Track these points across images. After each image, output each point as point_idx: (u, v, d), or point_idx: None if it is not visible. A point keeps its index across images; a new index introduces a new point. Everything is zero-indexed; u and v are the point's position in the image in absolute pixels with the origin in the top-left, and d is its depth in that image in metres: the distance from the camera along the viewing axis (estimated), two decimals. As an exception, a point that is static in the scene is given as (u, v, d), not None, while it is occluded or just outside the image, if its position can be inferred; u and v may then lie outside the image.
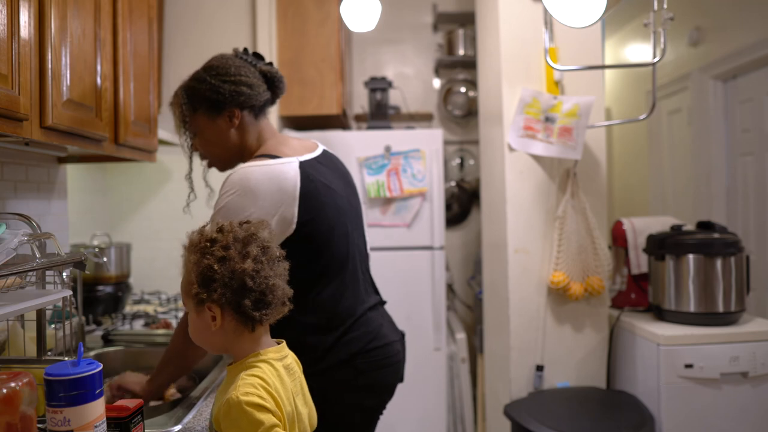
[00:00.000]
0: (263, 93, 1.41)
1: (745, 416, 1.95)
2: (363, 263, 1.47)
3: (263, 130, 1.43)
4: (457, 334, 2.99)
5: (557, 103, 2.17)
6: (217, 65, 1.38)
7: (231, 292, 0.92)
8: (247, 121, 1.40)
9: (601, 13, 1.75)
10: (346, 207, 1.41)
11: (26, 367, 1.12)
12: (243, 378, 0.90)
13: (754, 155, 2.88)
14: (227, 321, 0.94)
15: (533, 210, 2.26)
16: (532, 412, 1.97)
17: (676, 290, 2.08)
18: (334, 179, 1.40)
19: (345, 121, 3.07)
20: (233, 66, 1.37)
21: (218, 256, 0.92)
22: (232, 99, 1.36)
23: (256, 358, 0.95)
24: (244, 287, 0.92)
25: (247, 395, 0.86)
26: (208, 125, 1.39)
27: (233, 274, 0.91)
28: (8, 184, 1.73)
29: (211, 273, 0.91)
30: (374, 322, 1.39)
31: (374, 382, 1.36)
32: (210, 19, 2.78)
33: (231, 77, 1.36)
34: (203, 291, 0.92)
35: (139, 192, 2.68)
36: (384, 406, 1.43)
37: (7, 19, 1.12)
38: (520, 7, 2.27)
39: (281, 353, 1.00)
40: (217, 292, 0.91)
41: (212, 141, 1.41)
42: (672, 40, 3.33)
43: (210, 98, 1.36)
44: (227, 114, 1.37)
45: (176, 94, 1.41)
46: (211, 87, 1.35)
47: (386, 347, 1.38)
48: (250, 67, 1.39)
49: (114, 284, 2.16)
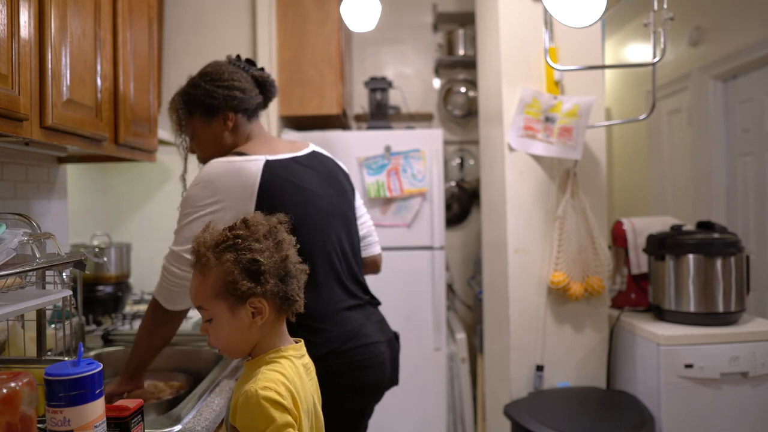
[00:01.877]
0: (255, 97, 1.49)
1: (745, 416, 1.95)
2: (345, 263, 1.44)
3: (253, 131, 1.50)
4: (457, 334, 2.99)
5: (557, 103, 2.17)
6: (211, 71, 1.47)
7: (279, 280, 0.95)
8: (241, 123, 1.48)
9: (601, 13, 1.75)
10: (326, 207, 1.40)
11: (26, 367, 1.12)
12: (263, 372, 0.91)
13: (754, 155, 2.88)
14: (270, 313, 0.95)
15: (533, 210, 2.26)
16: (532, 412, 1.97)
17: (676, 290, 2.08)
18: (312, 179, 1.40)
19: (345, 121, 3.07)
20: (227, 72, 1.46)
21: (257, 248, 0.94)
22: (225, 103, 1.44)
23: (277, 353, 0.96)
24: (288, 274, 0.95)
25: (266, 389, 0.87)
26: (204, 128, 1.47)
27: (278, 263, 0.95)
28: (8, 184, 1.73)
29: (257, 265, 0.93)
30: (353, 321, 1.37)
31: (353, 383, 1.34)
32: (210, 19, 2.78)
33: (225, 82, 1.44)
34: (254, 285, 0.92)
35: (139, 192, 2.68)
36: (370, 408, 1.41)
37: (7, 19, 1.12)
38: (520, 7, 2.27)
39: (300, 351, 1.01)
40: (270, 283, 0.93)
41: (208, 143, 1.49)
42: (672, 40, 3.33)
43: (205, 103, 1.45)
44: (221, 117, 1.45)
45: (173, 100, 1.50)
46: (206, 92, 1.44)
47: (366, 347, 1.36)
48: (242, 73, 1.48)
49: (114, 284, 2.16)
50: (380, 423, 1.45)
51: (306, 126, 3.01)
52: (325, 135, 2.76)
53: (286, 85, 2.80)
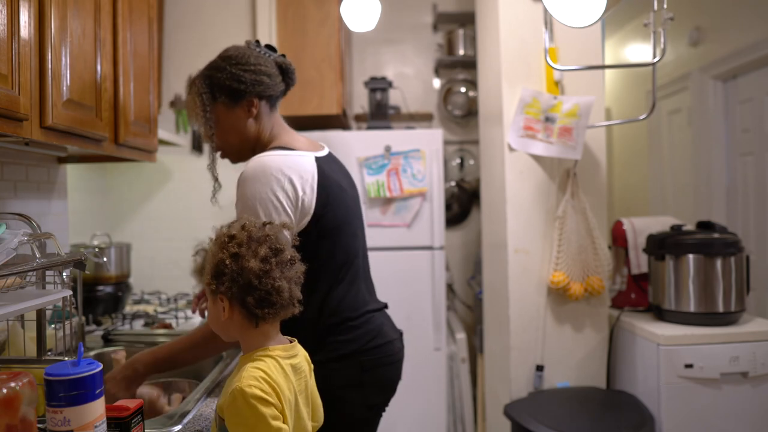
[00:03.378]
0: (279, 84, 1.42)
1: (745, 416, 1.95)
2: (366, 264, 1.50)
3: (276, 123, 1.43)
4: (457, 334, 2.99)
5: (557, 103, 2.17)
6: (235, 54, 1.37)
7: (237, 288, 0.96)
8: (264, 111, 1.40)
9: (601, 13, 1.75)
10: (354, 207, 1.45)
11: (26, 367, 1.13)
12: (247, 369, 0.94)
13: (754, 155, 2.87)
14: (235, 314, 0.98)
15: (533, 210, 2.26)
16: (532, 412, 1.97)
17: (676, 290, 2.08)
18: (343, 178, 1.43)
19: (345, 121, 3.07)
20: (252, 56, 1.38)
21: (232, 252, 0.97)
22: (252, 87, 1.36)
23: (264, 352, 0.99)
24: (249, 285, 0.96)
25: (250, 387, 0.90)
26: (227, 114, 1.38)
27: (242, 271, 0.96)
28: (8, 184, 1.73)
29: (223, 267, 0.96)
30: (376, 320, 1.41)
31: (379, 380, 1.38)
32: (210, 20, 2.78)
33: (251, 66, 1.36)
34: (213, 282, 0.98)
35: (139, 192, 2.68)
36: (387, 403, 1.45)
37: (7, 19, 1.12)
38: (520, 7, 2.27)
39: (290, 352, 1.03)
40: (225, 286, 0.96)
41: (230, 130, 1.40)
42: (672, 40, 3.33)
43: (231, 87, 1.35)
44: (246, 103, 1.37)
45: (193, 83, 1.39)
46: (232, 75, 1.35)
47: (388, 345, 1.40)
48: (266, 58, 1.40)
49: (114, 284, 2.16)
50: (380, 423, 1.46)
51: (306, 126, 3.01)
52: (325, 135, 2.76)
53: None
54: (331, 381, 1.29)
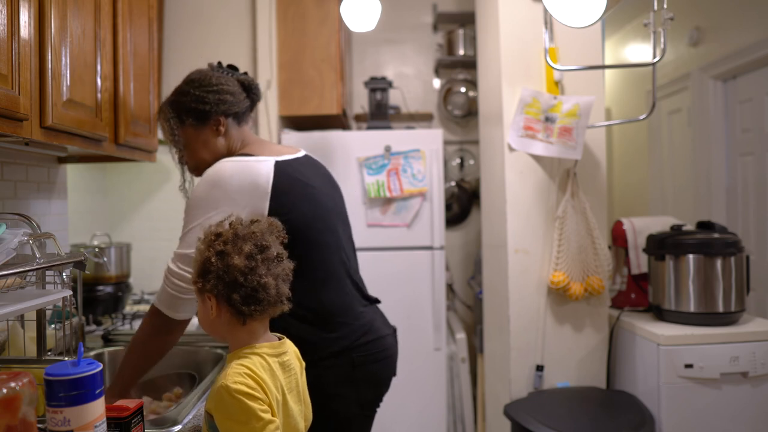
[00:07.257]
0: (244, 100, 1.48)
1: (745, 416, 1.95)
2: (352, 260, 1.51)
3: (246, 136, 1.49)
4: (457, 334, 2.99)
5: (557, 103, 2.17)
6: (198, 78, 1.46)
7: (223, 285, 0.97)
8: (232, 127, 1.47)
9: (601, 13, 1.75)
10: (331, 205, 1.46)
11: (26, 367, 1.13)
12: (233, 366, 0.95)
13: (754, 155, 2.88)
14: (223, 312, 0.99)
15: (533, 210, 2.26)
16: (532, 412, 1.97)
17: (676, 290, 2.08)
18: (315, 177, 1.45)
19: (345, 121, 3.07)
20: (214, 77, 1.45)
21: (217, 250, 0.98)
22: (217, 107, 1.43)
23: (250, 350, 0.99)
24: (235, 282, 0.96)
25: (236, 383, 0.90)
26: (197, 135, 1.45)
27: (227, 269, 0.96)
28: (8, 184, 1.73)
29: (209, 265, 0.97)
30: (366, 316, 1.43)
31: (371, 376, 1.40)
32: (210, 20, 2.78)
33: (214, 87, 1.43)
34: (200, 280, 0.99)
35: (139, 192, 2.68)
36: (381, 399, 1.46)
37: (7, 19, 1.12)
38: (520, 7, 2.27)
39: (278, 350, 1.03)
40: (211, 283, 0.97)
41: (202, 149, 1.46)
42: (672, 40, 3.33)
43: (197, 108, 1.43)
44: (213, 122, 1.44)
45: (161, 111, 1.47)
46: (196, 98, 1.43)
47: (379, 340, 1.42)
48: (228, 77, 1.47)
49: (114, 284, 2.16)
50: (380, 423, 1.46)
51: (306, 126, 3.01)
52: (325, 135, 2.76)
53: (286, 85, 2.80)
54: (323, 379, 1.31)
